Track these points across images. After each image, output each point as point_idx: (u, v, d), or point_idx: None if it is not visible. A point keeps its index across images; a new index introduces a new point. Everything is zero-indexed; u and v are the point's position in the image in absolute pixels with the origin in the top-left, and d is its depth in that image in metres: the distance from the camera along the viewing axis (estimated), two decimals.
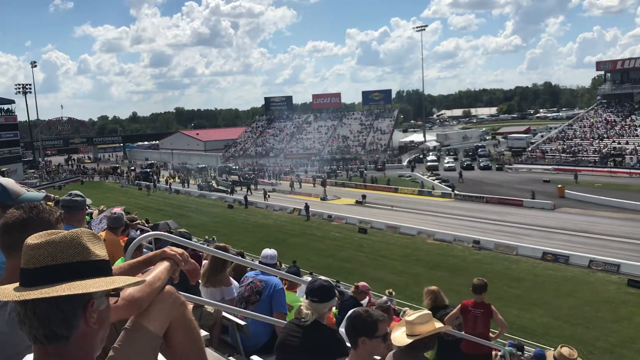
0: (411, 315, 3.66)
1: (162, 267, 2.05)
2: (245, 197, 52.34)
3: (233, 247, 17.98)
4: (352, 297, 7.69)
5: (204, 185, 63.65)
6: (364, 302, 8.30)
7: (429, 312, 3.73)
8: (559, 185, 47.33)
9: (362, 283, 8.04)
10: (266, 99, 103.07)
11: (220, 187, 61.77)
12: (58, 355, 1.37)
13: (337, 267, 29.02)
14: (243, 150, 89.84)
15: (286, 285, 6.15)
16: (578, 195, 44.47)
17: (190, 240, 4.75)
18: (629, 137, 61.74)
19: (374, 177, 61.63)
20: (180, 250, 2.17)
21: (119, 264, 2.24)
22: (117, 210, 6.62)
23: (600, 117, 70.13)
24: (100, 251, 1.45)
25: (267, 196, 53.98)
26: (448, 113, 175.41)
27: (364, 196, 49.65)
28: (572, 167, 57.10)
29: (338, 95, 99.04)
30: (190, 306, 2.19)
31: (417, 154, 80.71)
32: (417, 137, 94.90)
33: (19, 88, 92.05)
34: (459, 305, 7.82)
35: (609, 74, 76.07)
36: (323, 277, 3.54)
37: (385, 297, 11.90)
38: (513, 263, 29.57)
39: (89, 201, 4.84)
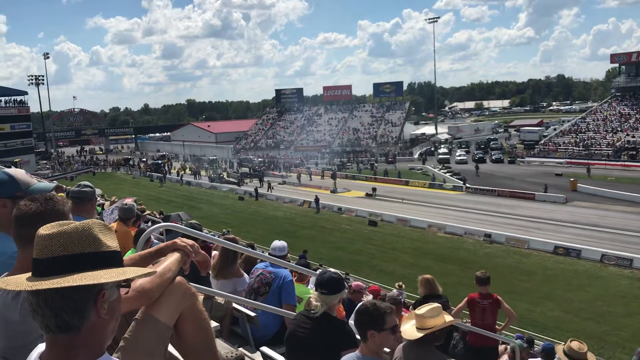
0: (422, 309, 3.65)
1: (172, 258, 2.06)
2: (256, 189, 52.49)
3: (243, 238, 18.08)
4: (346, 300, 7.23)
5: (215, 177, 63.95)
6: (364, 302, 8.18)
7: (439, 305, 3.72)
8: (572, 179, 46.99)
9: (355, 283, 7.93)
10: (277, 91, 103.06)
11: (230, 179, 62.02)
12: (69, 344, 1.39)
13: (347, 260, 29.06)
14: (254, 142, 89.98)
15: (296, 277, 6.17)
16: (590, 189, 44.13)
17: (201, 231, 4.77)
18: None
19: (386, 169, 61.48)
20: (190, 242, 2.18)
21: (129, 255, 2.25)
22: (129, 201, 6.66)
23: (614, 110, 69.43)
24: (111, 242, 1.47)
25: (270, 188, 53.93)
26: (460, 105, 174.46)
27: (374, 189, 49.61)
28: (585, 161, 56.60)
29: (349, 87, 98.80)
30: (201, 297, 2.21)
31: (429, 147, 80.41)
32: (428, 129, 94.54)
33: (32, 79, 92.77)
34: (466, 298, 7.82)
35: (623, 67, 75.18)
36: (332, 269, 3.54)
37: (396, 291, 11.89)
38: (524, 257, 29.46)
39: (99, 192, 4.88)
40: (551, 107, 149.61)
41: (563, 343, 6.79)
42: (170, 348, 2.01)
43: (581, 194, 43.80)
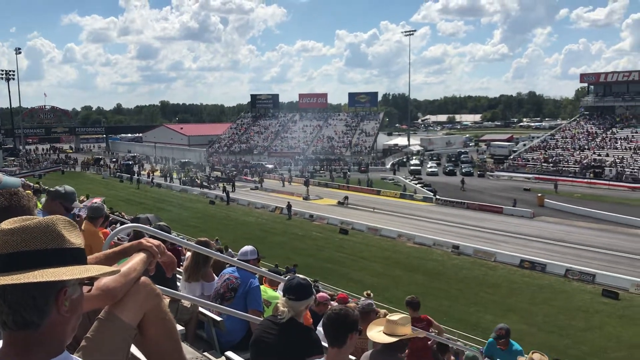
0: (394, 316, 3.75)
1: (138, 258, 2.04)
2: (227, 194, 52.13)
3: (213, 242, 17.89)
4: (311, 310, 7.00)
5: (187, 180, 63.34)
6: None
7: (408, 315, 3.84)
8: (539, 194, 47.85)
9: (320, 294, 7.89)
10: (252, 96, 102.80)
11: (202, 183, 61.50)
12: (27, 342, 1.36)
13: (317, 267, 29.04)
14: (227, 146, 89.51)
15: (267, 282, 6.15)
16: (557, 205, 44.99)
17: (170, 234, 4.73)
18: (609, 149, 62.63)
19: (359, 179, 61.71)
20: (157, 242, 2.16)
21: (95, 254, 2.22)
22: (97, 200, 6.55)
23: (582, 129, 71.08)
24: (75, 239, 1.44)
25: (229, 191, 53.36)
26: (433, 118, 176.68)
27: (346, 197, 49.75)
28: (553, 177, 57.74)
29: (324, 95, 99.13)
30: (167, 299, 2.18)
31: (401, 158, 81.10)
32: (401, 140, 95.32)
33: (2, 74, 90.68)
34: None
35: (592, 87, 77.06)
36: (301, 276, 3.54)
37: (369, 301, 11.93)
38: (491, 269, 29.82)
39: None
40: (521, 123, 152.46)
41: (526, 356, 6.91)
42: (134, 349, 1.98)
43: (548, 209, 44.62)
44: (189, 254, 6.01)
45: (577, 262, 29.48)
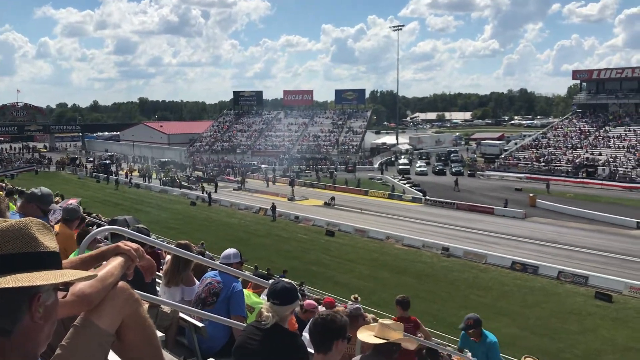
0: (387, 320, 3.88)
1: (115, 262, 2.03)
2: (209, 195, 51.99)
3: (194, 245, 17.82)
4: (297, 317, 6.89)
5: (168, 180, 62.98)
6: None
7: (401, 323, 3.97)
8: (531, 194, 48.25)
9: (308, 302, 7.90)
10: (235, 92, 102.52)
11: (183, 183, 61.15)
12: None
13: (302, 270, 29.05)
14: (209, 145, 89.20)
15: (251, 287, 6.13)
16: (549, 205, 45.41)
17: (149, 236, 4.70)
18: (602, 148, 63.31)
19: (346, 179, 61.83)
20: (135, 246, 2.15)
21: (70, 257, 2.20)
22: (73, 202, 6.50)
23: (574, 127, 71.78)
24: (49, 242, 1.43)
25: (210, 192, 53.25)
26: (422, 116, 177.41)
27: (332, 198, 49.82)
28: (545, 177, 58.26)
29: (310, 92, 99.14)
30: (146, 305, 2.17)
31: (389, 157, 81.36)
32: (389, 139, 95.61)
33: None
34: None
35: (584, 84, 77.82)
36: (286, 279, 3.53)
37: (357, 305, 11.97)
38: (481, 272, 30.02)
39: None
40: (513, 121, 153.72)
41: None
42: (113, 356, 1.97)
43: (540, 209, 45.02)
44: (168, 257, 5.98)
45: (569, 264, 29.76)
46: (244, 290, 5.34)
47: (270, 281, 3.99)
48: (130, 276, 2.10)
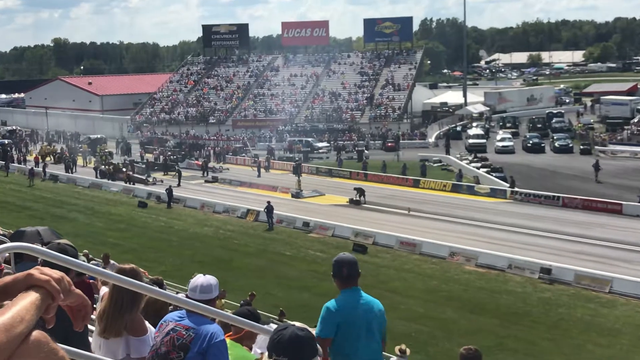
0: None
1: (26, 301, 2.00)
2: (169, 191, 52.09)
3: (146, 270, 17.92)
4: None
5: (106, 169, 62.63)
6: None
7: None
8: None
9: None
10: (205, 27, 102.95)
11: (131, 174, 60.97)
12: None
13: (317, 307, 28.85)
14: (166, 111, 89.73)
15: (232, 334, 6.09)
16: None
17: (75, 258, 4.66)
18: None
19: (383, 161, 61.83)
20: (57, 274, 2.13)
21: None
22: None
23: None
24: None
25: (171, 186, 53.61)
26: (504, 59, 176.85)
27: (361, 191, 49.86)
28: None
29: (325, 24, 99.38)
30: None
31: (453, 125, 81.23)
32: (452, 96, 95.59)
33: None
34: None
35: None
36: (298, 323, 3.48)
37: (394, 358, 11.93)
38: (604, 306, 29.89)
39: None
40: None
41: None
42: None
43: None
44: (105, 290, 5.96)
45: None
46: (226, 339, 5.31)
47: (269, 325, 3.95)
48: (52, 322, 2.08)
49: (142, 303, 5.46)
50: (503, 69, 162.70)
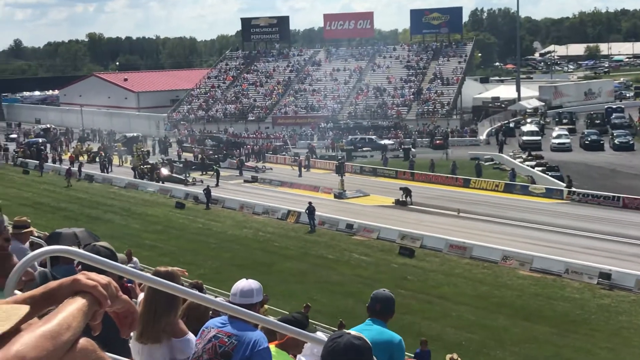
0: None
1: (73, 307, 2.00)
2: (207, 191, 52.20)
3: (185, 270, 18.02)
4: None
5: (145, 169, 63.04)
6: None
7: None
8: None
9: None
10: (244, 21, 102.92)
11: (172, 174, 61.00)
12: None
13: (362, 314, 28.94)
14: (203, 108, 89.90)
15: (277, 342, 6.15)
16: None
17: (115, 260, 4.75)
18: None
19: (432, 160, 61.45)
20: (104, 279, 2.14)
21: None
22: None
23: None
24: None
25: (209, 186, 53.88)
26: (560, 51, 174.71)
27: (408, 191, 49.61)
28: None
29: (369, 15, 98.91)
30: None
31: (506, 122, 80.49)
32: (505, 91, 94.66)
33: None
34: None
35: None
36: (353, 332, 3.52)
37: None
38: None
39: None
40: None
41: None
42: None
43: None
44: (141, 296, 6.00)
45: None
46: (271, 346, 5.35)
47: (318, 334, 4.00)
48: (98, 329, 2.09)
49: (180, 307, 5.51)
50: (559, 62, 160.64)
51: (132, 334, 5.62)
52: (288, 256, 38.97)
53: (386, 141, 73.40)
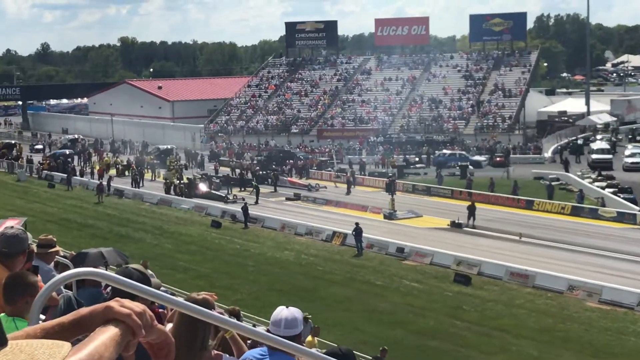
0: None
1: (105, 336, 2.00)
2: (245, 209, 52.45)
3: (221, 300, 18.13)
4: None
5: (184, 184, 63.13)
6: None
7: None
8: None
9: None
10: (289, 25, 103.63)
11: (211, 191, 61.25)
12: None
13: (412, 346, 28.93)
14: (243, 119, 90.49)
15: None
16: None
17: (149, 285, 4.73)
18: None
19: (491, 178, 61.27)
20: (139, 307, 2.13)
21: (23, 328, 2.22)
22: (13, 223, 6.68)
23: None
24: None
25: (247, 203, 54.27)
26: (634, 61, 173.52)
27: (472, 212, 49.43)
28: None
29: (425, 21, 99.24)
30: None
31: (574, 138, 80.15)
32: (573, 104, 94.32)
33: None
34: None
35: None
36: None
37: None
38: None
39: None
40: None
41: None
42: None
43: None
44: (170, 324, 6.01)
45: None
46: None
47: None
48: None
49: (214, 337, 5.50)
50: (633, 73, 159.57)
51: None
52: (332, 281, 38.96)
53: (478, 157, 73.36)
